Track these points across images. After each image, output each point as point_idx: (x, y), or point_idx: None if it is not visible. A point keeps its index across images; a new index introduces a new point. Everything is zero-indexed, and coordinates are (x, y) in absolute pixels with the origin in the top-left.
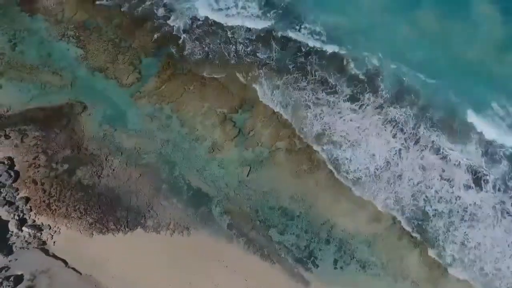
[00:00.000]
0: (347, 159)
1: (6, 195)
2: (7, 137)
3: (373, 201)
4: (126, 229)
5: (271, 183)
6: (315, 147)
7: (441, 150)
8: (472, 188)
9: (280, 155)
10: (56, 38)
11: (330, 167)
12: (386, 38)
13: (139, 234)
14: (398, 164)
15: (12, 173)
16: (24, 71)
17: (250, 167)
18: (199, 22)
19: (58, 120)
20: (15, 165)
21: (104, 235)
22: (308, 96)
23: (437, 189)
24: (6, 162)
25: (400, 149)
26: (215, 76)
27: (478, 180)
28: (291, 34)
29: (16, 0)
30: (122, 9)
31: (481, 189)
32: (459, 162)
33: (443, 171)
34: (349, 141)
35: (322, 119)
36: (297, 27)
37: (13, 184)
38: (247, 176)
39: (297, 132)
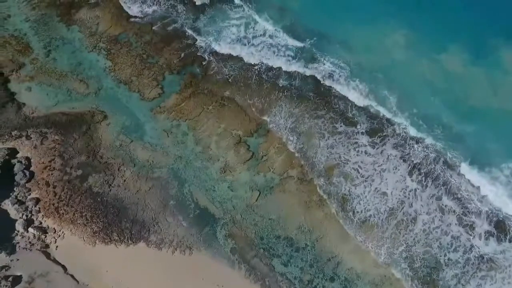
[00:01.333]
0: (357, 195)
1: (18, 194)
2: (28, 137)
3: (376, 252)
4: (129, 241)
5: (279, 211)
6: (319, 181)
7: (461, 193)
8: (494, 236)
9: (291, 183)
10: (88, 49)
11: (334, 204)
12: (409, 78)
13: (141, 248)
14: (412, 204)
15: (27, 173)
16: (54, 77)
17: (260, 192)
18: (223, 45)
19: (78, 126)
20: (31, 166)
21: (107, 245)
22: (325, 125)
23: (454, 235)
24: (23, 162)
25: (416, 189)
26: (234, 99)
27: (501, 228)
28: (314, 69)
29: (56, 11)
30: (153, 27)
31: (504, 240)
32: (480, 208)
33: (462, 216)
34: (362, 175)
35: (336, 150)
36: (321, 60)
37: (26, 184)
38: (256, 201)
39: (302, 162)
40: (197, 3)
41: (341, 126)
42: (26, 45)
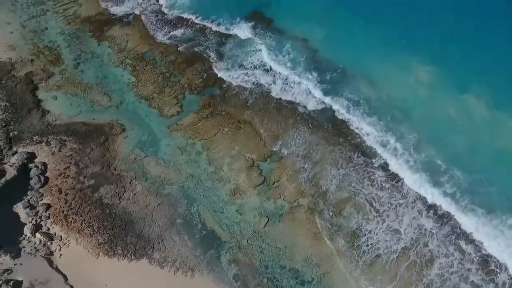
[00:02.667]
0: (368, 231)
1: (31, 198)
2: (48, 144)
3: None
4: (132, 257)
5: (287, 240)
6: (330, 212)
7: (478, 239)
8: None
9: (300, 213)
10: (114, 64)
11: (342, 239)
12: (430, 117)
13: (143, 265)
14: (428, 244)
15: (42, 179)
16: (80, 88)
17: (268, 219)
18: (245, 70)
19: (96, 137)
20: (47, 171)
21: (110, 258)
22: (339, 156)
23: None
24: (40, 167)
25: (432, 227)
26: (251, 122)
27: None
28: (333, 100)
29: (90, 27)
30: (178, 48)
31: None
32: (499, 262)
33: (480, 263)
34: (376, 210)
35: (349, 181)
36: (341, 93)
37: (40, 189)
38: (264, 227)
39: (313, 191)
40: (242, 37)
41: (356, 158)
42: (57, 56)
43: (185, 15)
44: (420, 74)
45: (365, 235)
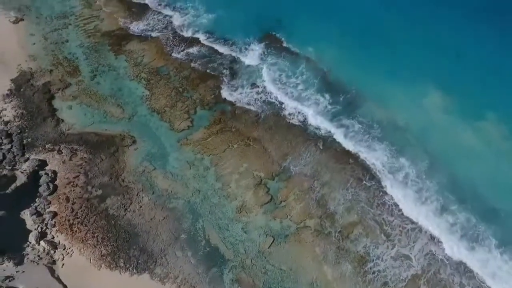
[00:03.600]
0: (376, 256)
1: (38, 205)
2: (59, 152)
3: None
4: (134, 270)
5: (292, 262)
6: (337, 235)
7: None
8: None
9: (307, 234)
10: (130, 77)
11: (349, 264)
12: (442, 144)
13: (144, 279)
14: (440, 272)
15: (51, 186)
16: (94, 99)
17: (274, 239)
18: (257, 89)
19: (107, 147)
20: (56, 179)
21: (111, 271)
22: (349, 178)
23: None
24: (50, 175)
25: (444, 255)
26: (260, 140)
27: None
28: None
29: (109, 41)
30: (192, 64)
31: None
32: None
33: None
34: (386, 234)
35: (359, 204)
36: (352, 115)
37: (48, 197)
38: (268, 247)
39: (321, 212)
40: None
41: (367, 180)
42: (75, 68)
43: (201, 34)
44: (433, 100)
45: (373, 260)
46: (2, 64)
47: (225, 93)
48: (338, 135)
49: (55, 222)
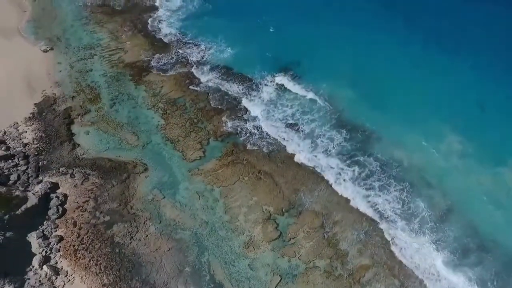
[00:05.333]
0: None
1: (45, 228)
2: (72, 176)
3: None
4: None
5: None
6: (348, 279)
7: None
8: None
9: (316, 275)
10: (147, 106)
11: None
12: (461, 189)
13: None
14: None
15: (60, 210)
16: (111, 126)
17: (281, 278)
18: (270, 122)
19: (119, 174)
20: (66, 203)
21: None
22: (362, 219)
23: None
24: (60, 198)
25: None
26: (271, 174)
27: None
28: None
29: (130, 72)
30: (208, 97)
31: None
32: None
33: None
34: (400, 280)
35: (372, 247)
36: (366, 156)
37: (56, 220)
38: (275, 287)
39: (332, 253)
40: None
41: (380, 223)
42: (96, 95)
43: (219, 69)
44: (450, 144)
45: None
46: (29, 89)
47: (239, 125)
48: (350, 174)
49: (60, 247)
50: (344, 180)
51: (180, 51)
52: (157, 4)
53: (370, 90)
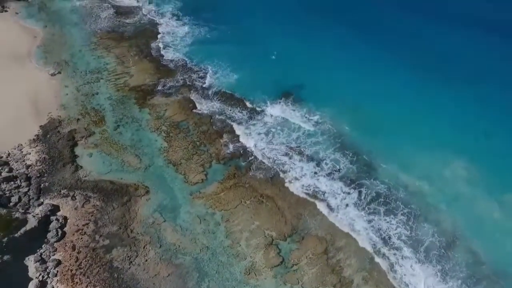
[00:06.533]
0: None
1: (44, 252)
2: (73, 198)
3: None
4: None
5: None
6: None
7: None
8: None
9: None
10: (151, 129)
11: None
12: (470, 215)
13: None
14: None
15: (60, 233)
16: (115, 148)
17: None
18: (272, 146)
19: (120, 196)
20: (65, 226)
21: None
22: (370, 240)
23: None
24: (60, 220)
25: None
26: (274, 198)
27: None
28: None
29: (135, 95)
30: (211, 120)
31: None
32: None
33: None
34: None
35: (379, 273)
36: (372, 179)
37: (55, 243)
38: None
39: (336, 280)
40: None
41: (386, 249)
42: (101, 118)
43: (222, 93)
44: (456, 170)
45: None
46: (36, 111)
47: (241, 149)
48: (355, 199)
49: (57, 272)
50: (348, 204)
51: (185, 76)
52: (164, 30)
53: (374, 115)
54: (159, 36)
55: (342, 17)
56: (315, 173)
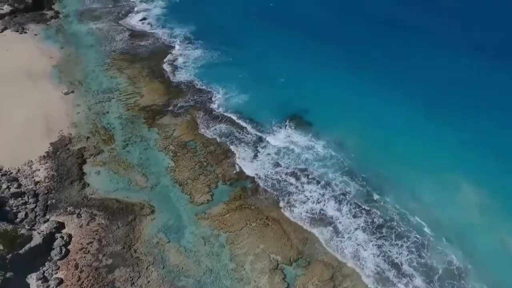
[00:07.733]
0: None
1: (46, 270)
2: (79, 216)
3: None
4: None
5: None
6: None
7: None
8: None
9: None
10: (159, 148)
11: None
12: (480, 244)
13: None
14: None
15: (64, 251)
16: (122, 166)
17: None
18: (279, 168)
19: (125, 215)
20: (69, 244)
21: None
22: (378, 267)
23: None
24: (65, 238)
25: None
26: (279, 221)
27: None
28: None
29: (144, 115)
30: (218, 140)
31: None
32: None
33: None
34: None
35: None
36: (380, 201)
37: (58, 261)
38: None
39: None
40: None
41: (396, 276)
42: (110, 137)
43: (230, 114)
44: (468, 196)
45: None
46: (47, 128)
47: (248, 170)
48: (363, 223)
49: None
50: (356, 228)
51: (195, 97)
52: (176, 53)
53: (383, 140)
54: (171, 58)
55: (353, 45)
56: (323, 195)
